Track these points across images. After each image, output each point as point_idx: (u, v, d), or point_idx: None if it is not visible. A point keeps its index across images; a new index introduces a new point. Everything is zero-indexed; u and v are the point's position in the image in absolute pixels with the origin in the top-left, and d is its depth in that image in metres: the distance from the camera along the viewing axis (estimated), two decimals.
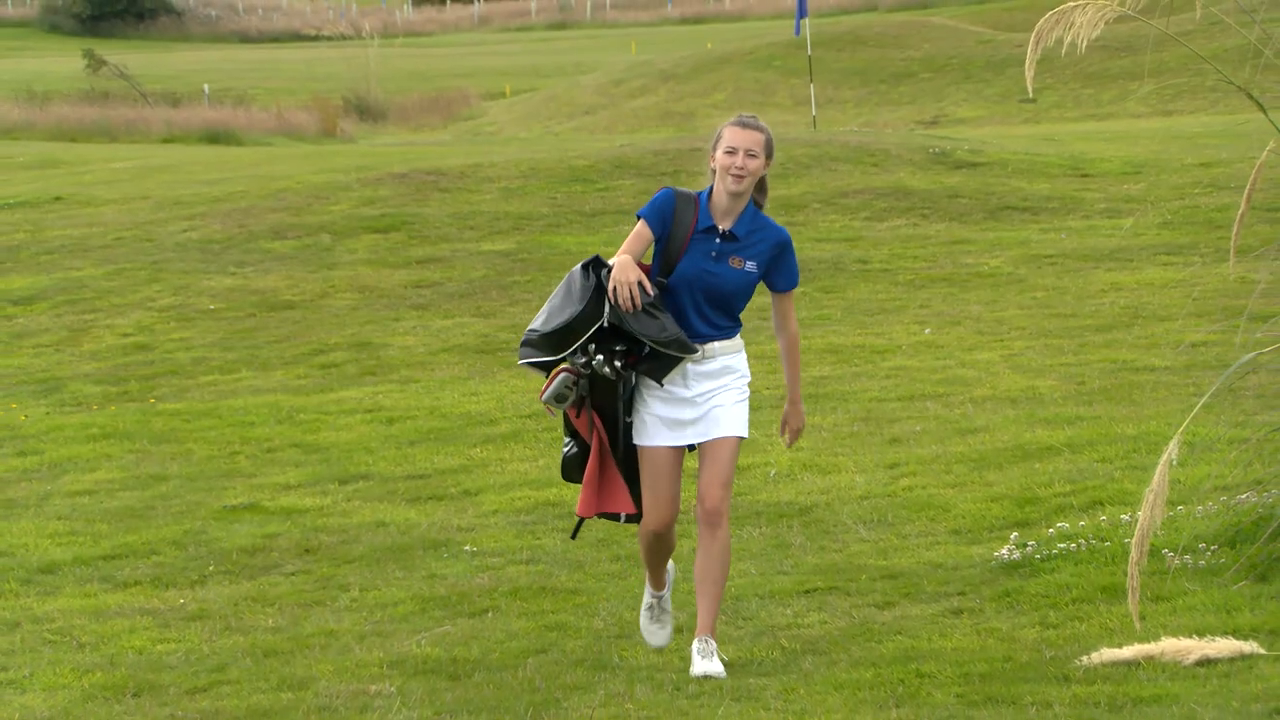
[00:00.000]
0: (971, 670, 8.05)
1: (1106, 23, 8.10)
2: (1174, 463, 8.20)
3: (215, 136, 41.37)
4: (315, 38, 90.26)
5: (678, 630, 8.79)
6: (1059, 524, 9.91)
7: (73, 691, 8.68)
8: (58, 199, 25.02)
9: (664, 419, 8.36)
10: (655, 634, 8.76)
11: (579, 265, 8.47)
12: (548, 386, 8.22)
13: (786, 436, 8.69)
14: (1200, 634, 8.02)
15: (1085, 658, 8.03)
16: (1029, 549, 9.56)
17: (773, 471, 11.79)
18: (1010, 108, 43.40)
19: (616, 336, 8.29)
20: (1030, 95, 19.53)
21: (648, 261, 8.53)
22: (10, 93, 52.08)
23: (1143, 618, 8.03)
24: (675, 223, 8.37)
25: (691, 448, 8.52)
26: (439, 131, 48.61)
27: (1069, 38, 8.19)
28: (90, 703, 8.51)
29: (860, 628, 8.83)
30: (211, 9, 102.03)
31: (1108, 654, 8.01)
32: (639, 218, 8.43)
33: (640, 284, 8.18)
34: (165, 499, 12.22)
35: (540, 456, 12.62)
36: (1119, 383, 13.70)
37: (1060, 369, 14.38)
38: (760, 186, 8.51)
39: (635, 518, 8.52)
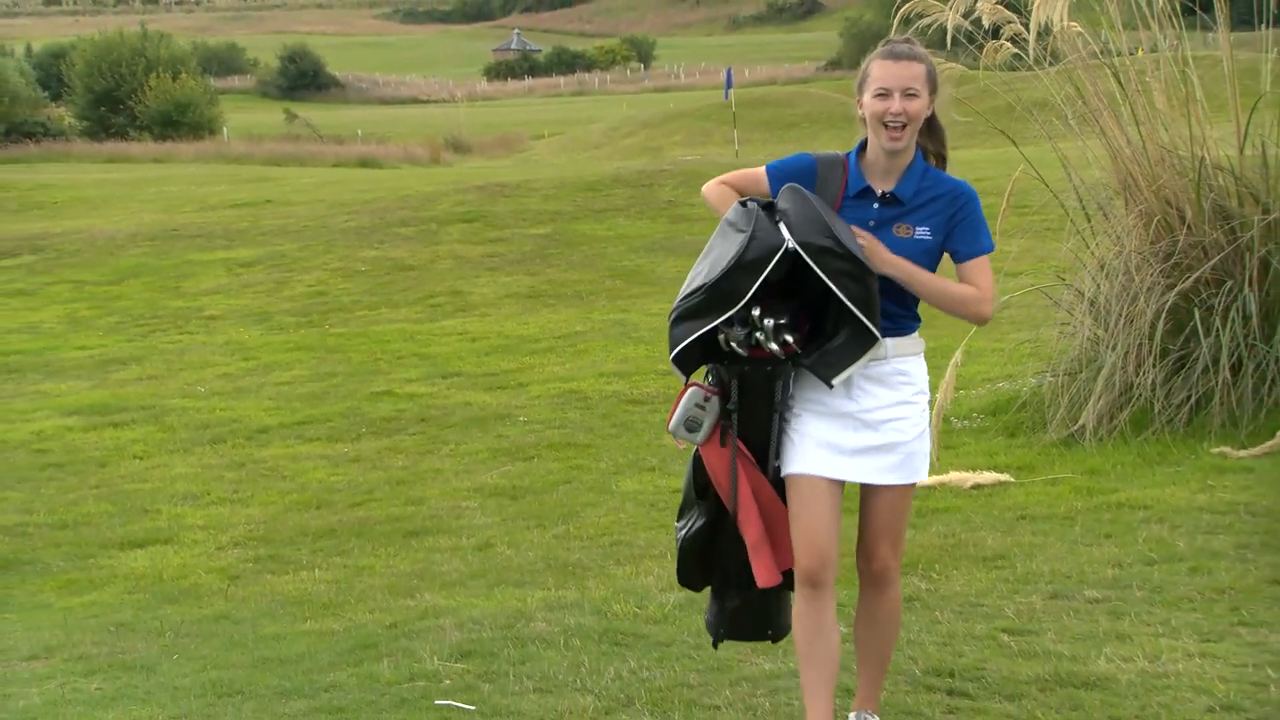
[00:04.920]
0: None
1: None
2: (959, 364, 8.25)
3: (365, 163, 41.24)
4: (427, 101, 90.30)
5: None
6: None
7: (277, 506, 8.73)
8: (268, 201, 24.91)
9: (818, 440, 4.14)
10: None
11: (731, 208, 4.19)
12: (674, 410, 4.15)
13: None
14: (973, 469, 8.07)
15: None
16: None
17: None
18: None
19: (780, 303, 4.06)
20: None
21: None
22: (237, 135, 51.95)
23: (937, 459, 8.08)
24: (819, 190, 4.20)
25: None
26: (504, 159, 48.30)
27: None
28: (288, 513, 8.56)
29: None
30: (363, 83, 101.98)
31: None
32: (766, 170, 4.33)
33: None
34: (335, 387, 12.23)
35: (566, 363, 12.62)
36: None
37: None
38: (933, 132, 4.31)
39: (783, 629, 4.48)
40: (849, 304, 3.98)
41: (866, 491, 4.23)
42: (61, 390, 12.83)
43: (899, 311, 4.22)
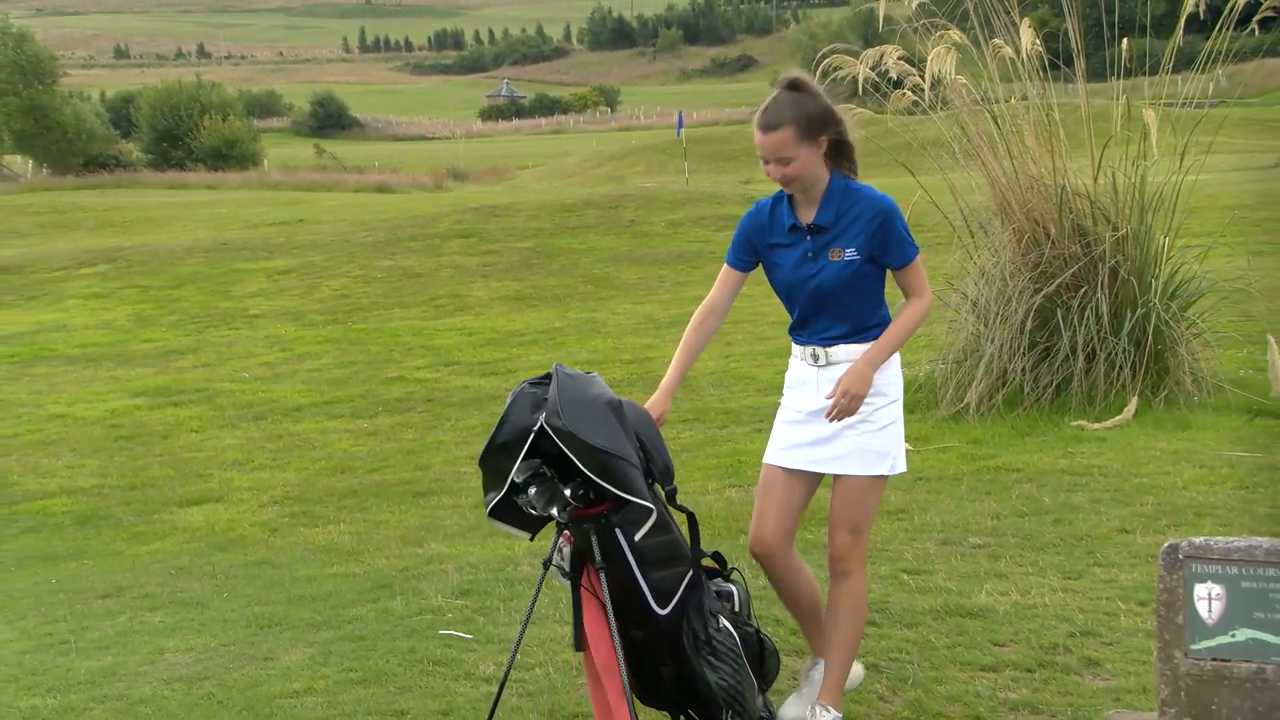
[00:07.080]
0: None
1: None
2: None
3: (381, 189, 40.97)
4: (432, 138, 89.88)
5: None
6: None
7: (308, 472, 8.66)
8: (301, 220, 24.76)
9: (783, 433, 3.86)
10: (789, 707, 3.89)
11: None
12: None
13: (835, 394, 3.74)
14: None
15: None
16: None
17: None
18: None
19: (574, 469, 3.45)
20: None
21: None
22: (276, 166, 51.63)
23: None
24: (768, 227, 3.81)
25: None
26: (495, 186, 48.12)
27: None
28: (318, 477, 8.50)
29: (708, 438, 8.84)
30: (379, 123, 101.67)
31: None
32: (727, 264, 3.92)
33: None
34: (356, 374, 12.15)
35: (547, 353, 12.55)
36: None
37: None
38: (841, 153, 3.74)
39: None
40: (605, 485, 3.40)
41: (833, 482, 3.79)
42: (131, 376, 12.73)
43: (853, 326, 3.75)
